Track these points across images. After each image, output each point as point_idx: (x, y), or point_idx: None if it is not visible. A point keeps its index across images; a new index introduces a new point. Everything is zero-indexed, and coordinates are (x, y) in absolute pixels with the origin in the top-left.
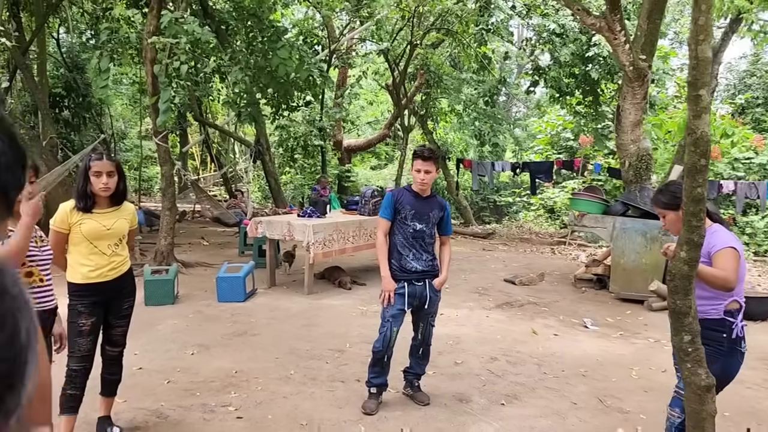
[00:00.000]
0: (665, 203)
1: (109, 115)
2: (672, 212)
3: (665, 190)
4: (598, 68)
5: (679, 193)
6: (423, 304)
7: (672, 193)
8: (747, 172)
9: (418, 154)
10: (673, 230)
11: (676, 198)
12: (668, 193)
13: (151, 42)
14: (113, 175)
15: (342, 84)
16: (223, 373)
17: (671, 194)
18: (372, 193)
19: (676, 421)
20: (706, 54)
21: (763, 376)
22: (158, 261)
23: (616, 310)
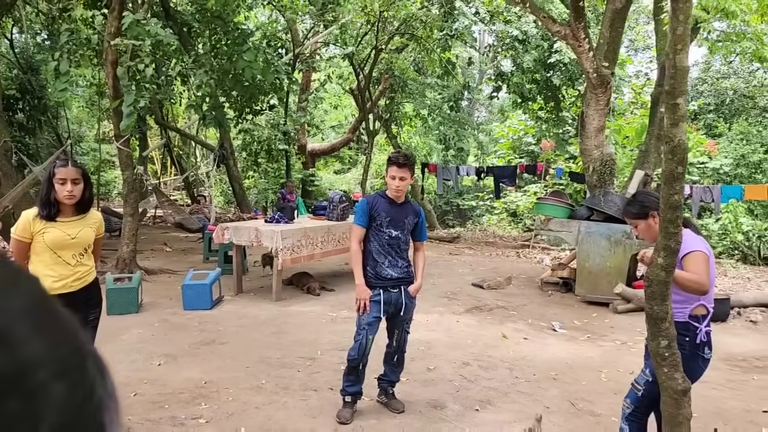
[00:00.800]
0: (635, 214)
1: (65, 118)
2: (642, 221)
3: (634, 201)
4: (560, 74)
5: (647, 203)
6: (399, 311)
7: (640, 203)
8: (701, 176)
9: (393, 160)
10: (647, 238)
11: (644, 207)
12: (637, 204)
13: (114, 44)
14: (78, 182)
15: (306, 88)
16: (192, 383)
17: (639, 204)
18: (340, 198)
19: (626, 412)
20: (684, 63)
21: (726, 377)
22: (120, 268)
23: (582, 312)
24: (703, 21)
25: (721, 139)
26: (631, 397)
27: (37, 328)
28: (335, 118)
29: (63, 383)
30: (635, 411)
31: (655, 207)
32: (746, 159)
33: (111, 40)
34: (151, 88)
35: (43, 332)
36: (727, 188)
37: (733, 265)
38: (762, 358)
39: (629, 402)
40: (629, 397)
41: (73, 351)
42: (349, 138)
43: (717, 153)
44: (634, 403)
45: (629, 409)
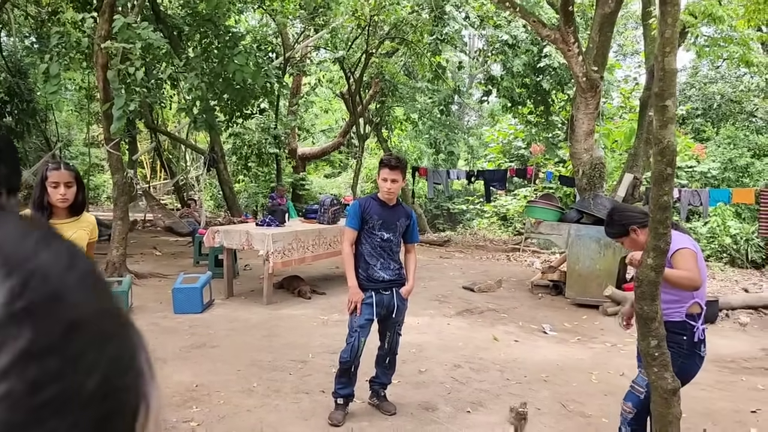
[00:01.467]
0: (615, 233)
1: (54, 122)
2: (626, 238)
3: (611, 222)
4: (549, 79)
5: (624, 220)
6: (390, 313)
7: (617, 222)
8: (690, 180)
9: (385, 163)
10: (634, 249)
11: (622, 226)
12: (614, 224)
13: (105, 47)
14: (71, 185)
15: (297, 92)
16: (183, 387)
17: (617, 224)
18: (331, 202)
19: (628, 417)
20: (672, 65)
21: (715, 378)
22: (110, 272)
23: (572, 315)
24: (691, 26)
25: (709, 143)
26: (632, 400)
27: (90, 292)
28: (326, 122)
29: (112, 343)
30: (637, 415)
31: (632, 221)
32: (734, 163)
33: (101, 43)
34: (141, 91)
35: (94, 295)
36: (715, 192)
37: (721, 268)
38: (750, 359)
39: (631, 406)
40: (630, 400)
41: (120, 317)
42: (339, 142)
43: (705, 157)
44: (636, 407)
45: (631, 414)
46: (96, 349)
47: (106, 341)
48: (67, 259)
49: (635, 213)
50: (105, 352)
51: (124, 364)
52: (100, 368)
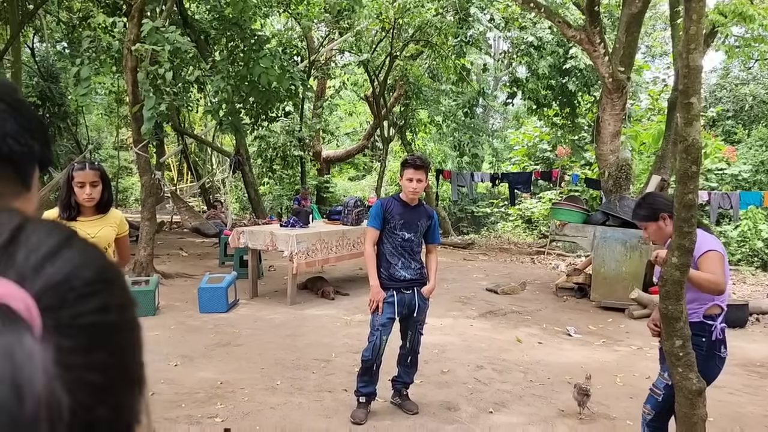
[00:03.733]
0: (644, 216)
1: (84, 125)
2: (653, 224)
3: (643, 203)
4: (575, 80)
5: (657, 204)
6: (412, 312)
7: (650, 206)
8: (720, 182)
9: (409, 162)
10: (657, 239)
11: (654, 210)
12: (646, 206)
13: (135, 49)
14: (97, 184)
15: (321, 95)
16: (208, 384)
17: (649, 207)
18: (355, 203)
19: (647, 418)
20: (697, 62)
21: (743, 382)
22: (137, 272)
23: (597, 318)
24: (721, 25)
25: (740, 145)
26: (651, 402)
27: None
28: (350, 125)
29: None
30: (656, 417)
31: (664, 209)
32: (765, 165)
33: (131, 47)
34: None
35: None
36: (746, 195)
37: (752, 273)
38: None
39: (650, 408)
40: (649, 402)
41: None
42: (363, 145)
43: (736, 159)
44: (654, 408)
45: (650, 416)
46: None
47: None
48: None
49: (669, 201)
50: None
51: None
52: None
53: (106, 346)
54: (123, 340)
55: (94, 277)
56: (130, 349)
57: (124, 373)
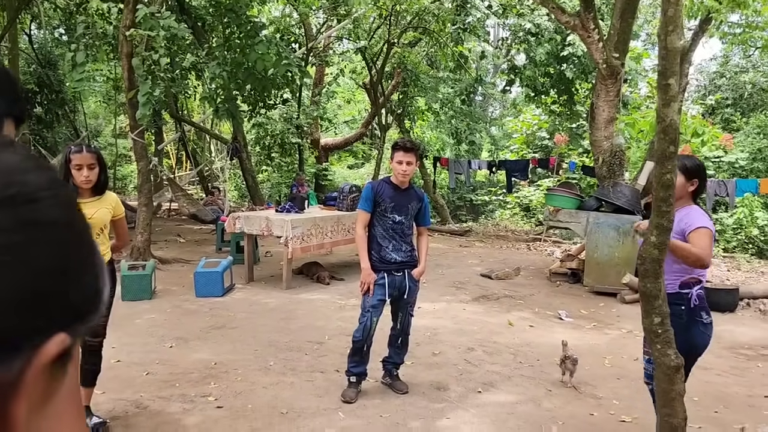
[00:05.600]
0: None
1: (82, 113)
2: (682, 177)
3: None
4: (573, 68)
5: (690, 163)
6: (402, 294)
7: (691, 161)
8: (716, 170)
9: (399, 145)
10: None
11: (687, 168)
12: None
13: (129, 35)
14: (94, 167)
15: (319, 82)
16: (203, 364)
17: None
18: (350, 189)
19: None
20: (675, 44)
21: (730, 364)
22: (135, 257)
23: (589, 302)
24: (716, 11)
25: (738, 133)
26: (647, 376)
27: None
28: (348, 113)
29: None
30: None
31: (692, 170)
32: (763, 153)
33: (126, 32)
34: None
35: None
36: (743, 182)
37: (747, 260)
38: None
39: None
40: (647, 377)
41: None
42: (362, 132)
43: (733, 147)
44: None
45: (651, 386)
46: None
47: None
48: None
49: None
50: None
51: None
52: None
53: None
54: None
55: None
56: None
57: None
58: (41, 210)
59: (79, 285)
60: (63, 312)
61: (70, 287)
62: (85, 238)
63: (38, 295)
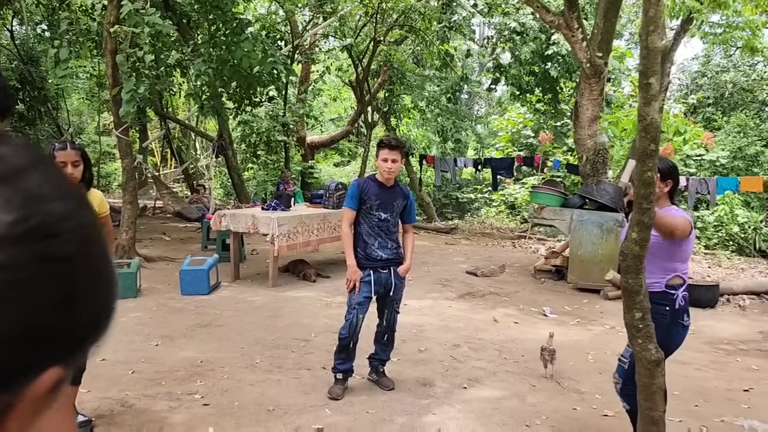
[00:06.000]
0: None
1: (65, 110)
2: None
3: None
4: (557, 66)
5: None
6: (388, 291)
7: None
8: (698, 168)
9: (385, 143)
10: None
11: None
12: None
13: (113, 31)
14: (78, 164)
15: (305, 80)
16: (189, 362)
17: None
18: (336, 186)
19: (617, 387)
20: (656, 44)
21: (709, 358)
22: (119, 255)
23: (573, 299)
24: (697, 11)
25: (719, 132)
26: (619, 371)
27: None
28: (335, 110)
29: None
30: (625, 384)
31: (663, 171)
32: (743, 151)
33: (110, 29)
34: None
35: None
36: (723, 180)
37: (727, 257)
38: (747, 342)
39: (617, 376)
40: (617, 371)
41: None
42: (348, 130)
43: (714, 146)
44: (622, 376)
45: (619, 384)
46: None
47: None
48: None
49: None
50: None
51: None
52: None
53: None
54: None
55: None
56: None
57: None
58: (58, 246)
59: (85, 314)
60: (64, 346)
61: (75, 320)
62: (99, 251)
63: (40, 331)
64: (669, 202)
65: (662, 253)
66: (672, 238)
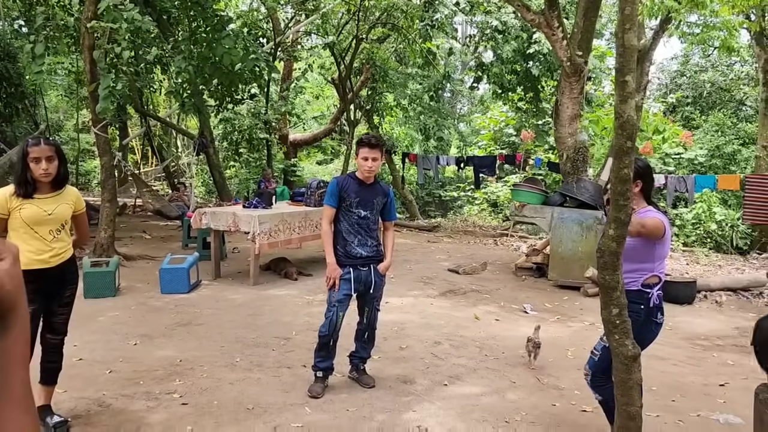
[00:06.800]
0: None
1: (43, 107)
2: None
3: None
4: (539, 65)
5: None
6: (368, 289)
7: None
8: (677, 167)
9: (364, 142)
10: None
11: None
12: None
13: (90, 27)
14: (53, 159)
15: (287, 77)
16: (167, 362)
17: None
18: (318, 184)
19: (587, 379)
20: (632, 42)
21: (687, 354)
22: (98, 254)
23: (554, 296)
24: (675, 11)
25: (698, 130)
26: (589, 363)
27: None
28: (317, 108)
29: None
30: (594, 376)
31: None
32: (721, 150)
33: (87, 24)
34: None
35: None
36: (701, 178)
37: (705, 254)
38: (723, 337)
39: (587, 368)
40: (588, 363)
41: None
42: (330, 128)
43: (693, 144)
44: (592, 368)
45: (588, 375)
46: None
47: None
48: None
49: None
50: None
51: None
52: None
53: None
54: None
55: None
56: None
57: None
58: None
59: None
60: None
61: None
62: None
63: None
64: (645, 202)
65: (638, 253)
66: (648, 238)
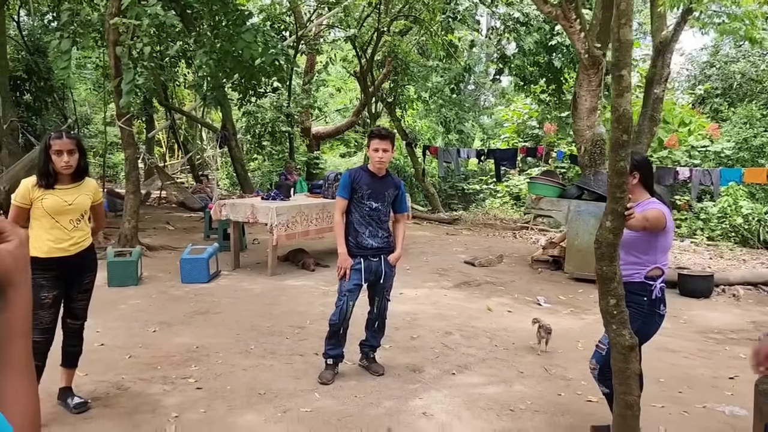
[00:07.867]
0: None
1: (72, 100)
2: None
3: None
4: (561, 57)
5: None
6: (379, 279)
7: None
8: (703, 159)
9: (375, 133)
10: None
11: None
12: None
13: (113, 23)
14: (74, 152)
15: (310, 70)
16: (184, 348)
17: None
18: (335, 177)
19: (594, 373)
20: (628, 36)
21: (699, 347)
22: (122, 244)
23: (569, 289)
24: (696, 2)
25: (726, 123)
26: (595, 357)
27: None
28: (340, 101)
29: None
30: (602, 369)
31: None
32: (749, 143)
33: (111, 20)
34: (149, 66)
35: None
36: (727, 171)
37: (730, 248)
38: (738, 331)
39: (594, 362)
40: (594, 357)
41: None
42: (353, 121)
43: (720, 137)
44: (599, 362)
45: (596, 369)
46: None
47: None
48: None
49: (639, 160)
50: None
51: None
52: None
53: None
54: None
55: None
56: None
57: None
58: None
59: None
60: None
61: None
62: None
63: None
64: (646, 194)
65: (641, 245)
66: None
